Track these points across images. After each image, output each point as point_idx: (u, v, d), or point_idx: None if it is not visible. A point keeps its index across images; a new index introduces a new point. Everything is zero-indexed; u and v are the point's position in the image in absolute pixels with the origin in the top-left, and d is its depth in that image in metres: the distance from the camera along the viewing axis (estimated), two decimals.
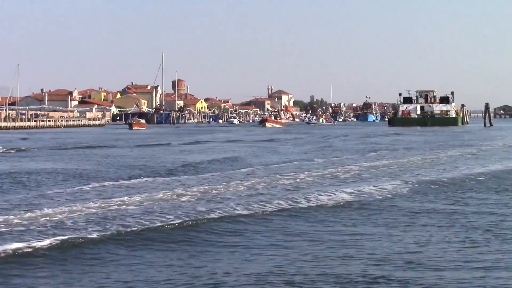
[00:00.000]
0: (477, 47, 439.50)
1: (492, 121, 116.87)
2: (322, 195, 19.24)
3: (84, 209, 16.18)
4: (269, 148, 46.72)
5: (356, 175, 25.61)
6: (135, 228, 13.95)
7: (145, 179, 24.11)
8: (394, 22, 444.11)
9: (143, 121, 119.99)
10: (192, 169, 28.53)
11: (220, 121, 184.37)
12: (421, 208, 17.34)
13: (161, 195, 18.99)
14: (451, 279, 10.23)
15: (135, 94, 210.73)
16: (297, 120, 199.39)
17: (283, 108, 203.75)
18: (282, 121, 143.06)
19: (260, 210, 16.58)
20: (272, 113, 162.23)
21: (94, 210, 16.04)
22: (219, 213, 15.99)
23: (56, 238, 12.70)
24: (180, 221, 14.82)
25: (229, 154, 38.74)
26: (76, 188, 21.27)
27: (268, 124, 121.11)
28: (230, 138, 64.90)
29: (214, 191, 20.00)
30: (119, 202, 17.53)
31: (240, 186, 21.60)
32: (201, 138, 64.85)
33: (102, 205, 16.90)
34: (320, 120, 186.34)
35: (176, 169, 28.21)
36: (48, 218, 14.91)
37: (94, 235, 13.13)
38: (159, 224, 14.54)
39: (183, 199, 18.37)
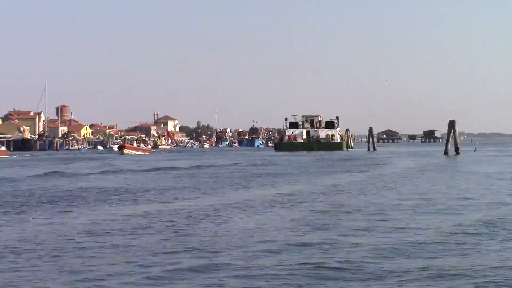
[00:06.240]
0: (359, 72, 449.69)
1: (375, 145, 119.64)
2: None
3: None
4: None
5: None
6: None
7: None
8: (279, 48, 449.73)
9: (3, 148, 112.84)
10: None
11: (100, 147, 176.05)
12: None
13: None
14: None
15: (17, 121, 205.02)
16: (180, 144, 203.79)
17: (164, 134, 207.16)
18: (149, 147, 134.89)
19: None
20: (136, 140, 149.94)
21: None
22: None
23: None
24: None
25: None
26: None
27: (126, 151, 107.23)
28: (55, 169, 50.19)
29: None
30: None
31: None
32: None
33: None
34: (205, 146, 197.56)
35: None
36: None
37: None
38: None
39: None
